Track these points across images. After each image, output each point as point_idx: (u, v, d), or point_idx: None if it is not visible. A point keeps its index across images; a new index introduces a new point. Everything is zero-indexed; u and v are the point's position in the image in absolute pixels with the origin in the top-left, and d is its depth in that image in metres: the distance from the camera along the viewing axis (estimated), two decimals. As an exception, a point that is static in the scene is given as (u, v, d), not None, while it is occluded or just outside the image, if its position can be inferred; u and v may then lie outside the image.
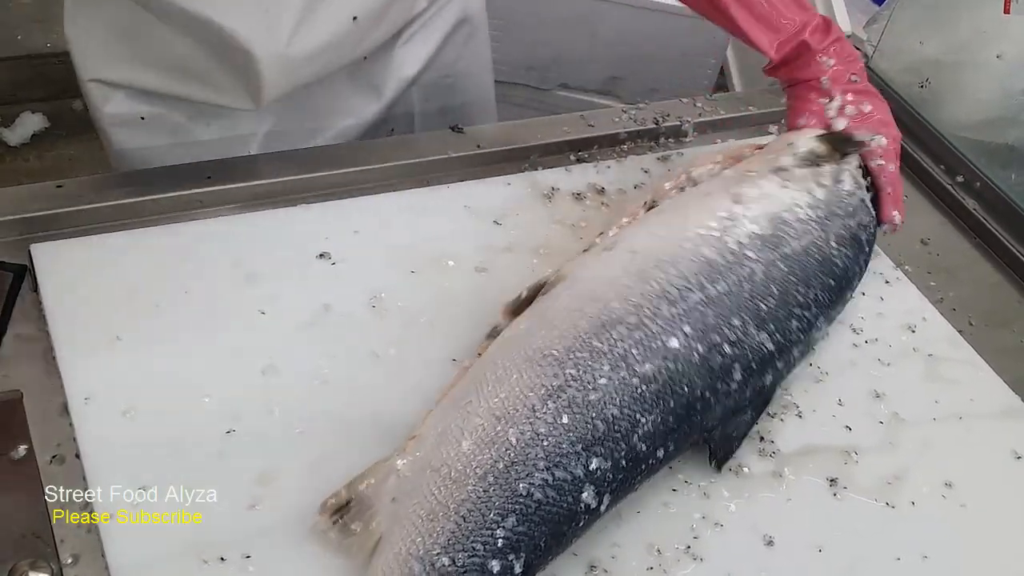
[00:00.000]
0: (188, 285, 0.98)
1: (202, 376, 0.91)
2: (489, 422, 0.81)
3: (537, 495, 0.79)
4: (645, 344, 0.87)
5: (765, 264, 0.96)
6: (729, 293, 0.93)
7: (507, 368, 0.85)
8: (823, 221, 1.02)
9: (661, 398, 0.86)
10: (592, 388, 0.84)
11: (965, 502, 0.97)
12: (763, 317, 0.93)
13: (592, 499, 0.81)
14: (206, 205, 1.08)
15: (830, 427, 1.01)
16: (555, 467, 0.80)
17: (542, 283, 0.95)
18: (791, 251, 0.98)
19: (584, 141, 1.28)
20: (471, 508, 0.77)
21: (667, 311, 0.89)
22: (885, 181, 1.10)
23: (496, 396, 0.83)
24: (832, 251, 1.01)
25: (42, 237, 1.00)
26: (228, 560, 0.79)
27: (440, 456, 0.80)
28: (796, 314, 0.96)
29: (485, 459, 0.79)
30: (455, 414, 0.83)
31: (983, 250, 1.30)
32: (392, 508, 0.79)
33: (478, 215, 1.14)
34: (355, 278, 1.03)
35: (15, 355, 0.91)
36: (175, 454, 0.85)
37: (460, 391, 0.86)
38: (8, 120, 2.65)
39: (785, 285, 0.96)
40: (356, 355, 0.96)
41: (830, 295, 1.00)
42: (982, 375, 1.10)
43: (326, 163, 1.16)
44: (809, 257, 0.99)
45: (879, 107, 1.11)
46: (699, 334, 0.89)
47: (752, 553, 0.89)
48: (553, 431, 0.81)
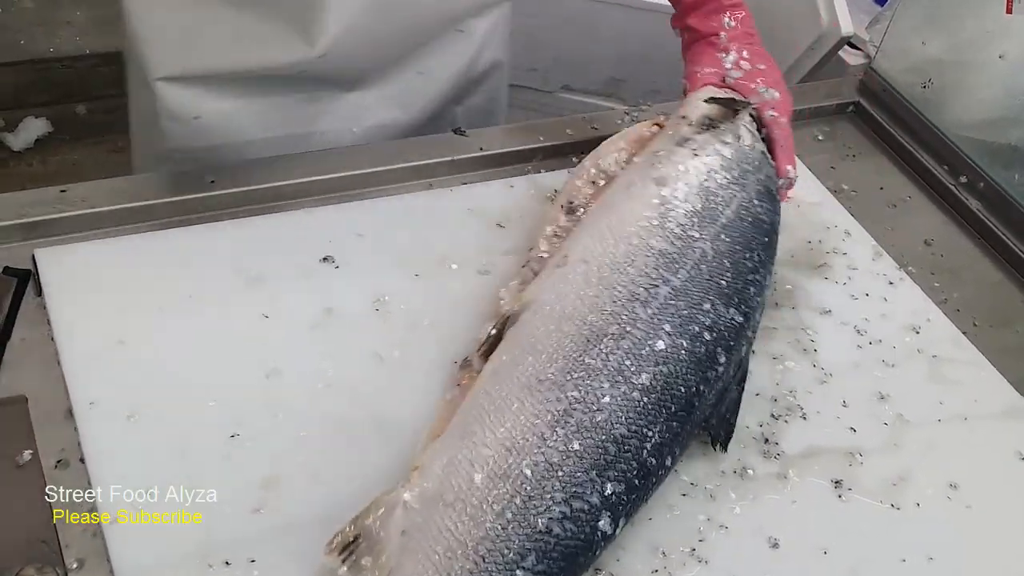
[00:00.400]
0: (192, 289, 0.98)
1: (206, 380, 0.91)
2: (499, 453, 0.80)
3: (556, 530, 0.78)
4: (635, 352, 0.87)
5: (711, 239, 0.97)
6: (691, 279, 0.94)
7: (505, 399, 0.84)
8: (740, 180, 1.04)
9: (663, 405, 0.86)
10: (597, 408, 0.83)
11: (970, 503, 0.97)
12: (727, 293, 0.95)
13: (608, 526, 0.81)
14: (209, 209, 1.08)
15: (834, 429, 1.01)
16: (572, 498, 0.79)
17: (507, 315, 0.93)
18: (727, 220, 1.00)
19: (587, 143, 1.28)
20: (490, 547, 0.76)
21: (643, 313, 0.90)
22: (779, 133, 1.12)
23: (501, 426, 0.82)
24: (757, 208, 1.03)
25: (46, 242, 1.01)
26: (233, 564, 0.79)
27: (451, 489, 0.78)
28: (750, 280, 0.98)
29: (501, 493, 0.78)
30: (459, 444, 0.81)
31: (986, 250, 1.29)
32: (402, 542, 0.77)
33: (481, 218, 1.14)
34: (358, 281, 1.03)
35: (20, 360, 0.91)
36: (179, 458, 0.85)
37: (460, 423, 0.84)
38: (11, 125, 2.66)
39: (734, 256, 0.98)
40: (359, 358, 0.96)
41: (767, 252, 1.02)
42: (986, 376, 1.10)
43: (329, 166, 1.16)
44: (743, 221, 1.01)
45: (772, 69, 1.16)
46: (679, 329, 0.90)
47: (757, 555, 0.88)
48: (566, 460, 0.80)
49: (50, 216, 1.02)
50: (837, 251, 1.21)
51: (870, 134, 1.45)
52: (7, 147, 2.63)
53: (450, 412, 0.87)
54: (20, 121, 2.66)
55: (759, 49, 1.17)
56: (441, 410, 0.89)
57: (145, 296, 0.97)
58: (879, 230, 1.26)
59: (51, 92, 2.69)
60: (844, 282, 1.17)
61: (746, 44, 1.16)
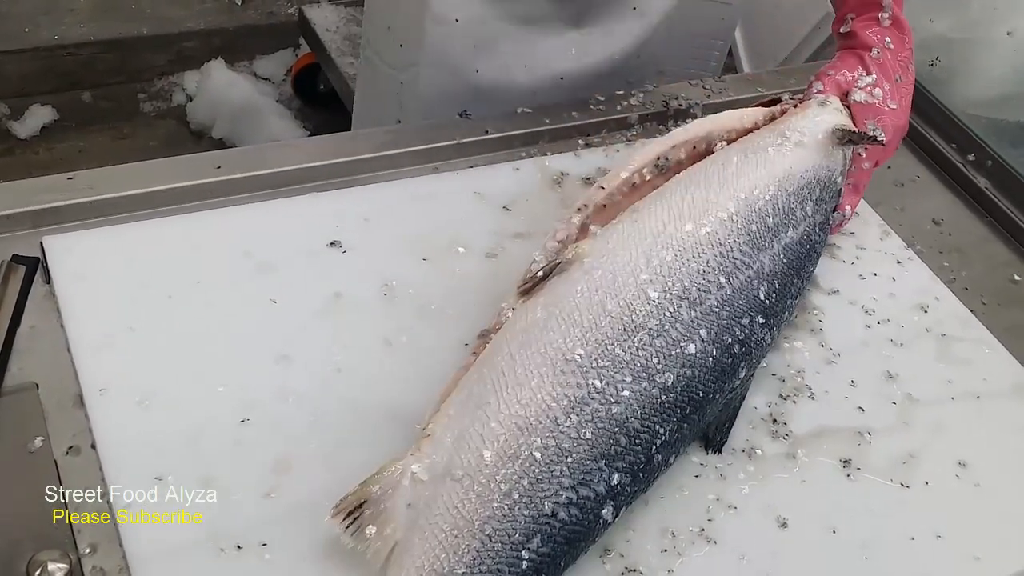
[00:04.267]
0: (200, 275, 0.98)
1: (216, 366, 0.91)
2: (511, 432, 0.80)
3: (561, 514, 0.78)
4: (666, 352, 0.86)
5: (772, 257, 0.95)
6: (742, 290, 0.92)
7: (527, 368, 0.83)
8: (816, 206, 1.01)
9: (679, 406, 0.86)
10: (615, 401, 0.82)
11: (979, 481, 0.97)
12: (767, 312, 0.93)
13: (610, 515, 0.81)
14: (216, 195, 1.08)
15: (843, 408, 1.01)
16: (580, 485, 0.79)
17: (557, 262, 0.91)
18: (790, 240, 0.98)
19: (593, 126, 1.28)
20: (497, 527, 0.76)
21: (687, 315, 0.88)
22: (858, 177, 1.10)
23: (517, 401, 0.81)
24: (816, 237, 1.02)
25: (54, 229, 1.01)
26: (245, 548, 0.79)
27: (460, 464, 0.78)
28: (789, 304, 0.97)
29: (510, 473, 0.78)
30: (472, 416, 0.81)
31: (995, 229, 1.29)
32: (409, 514, 0.78)
33: (488, 201, 1.14)
34: (366, 266, 1.03)
35: (30, 347, 0.91)
36: (190, 443, 0.85)
37: (476, 387, 0.83)
38: (17, 113, 2.66)
39: (785, 277, 0.96)
40: (368, 343, 0.96)
41: (808, 282, 1.02)
42: (995, 354, 1.10)
43: (335, 151, 1.16)
44: (802, 246, 0.99)
45: (900, 112, 1.10)
46: (714, 336, 0.89)
47: (766, 535, 0.89)
48: (577, 447, 0.80)
49: (57, 203, 1.02)
50: (844, 231, 1.20)
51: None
52: (14, 135, 2.63)
53: (471, 363, 0.86)
54: (26, 109, 2.66)
55: (903, 88, 1.11)
56: (464, 364, 0.88)
57: (153, 282, 0.97)
58: (887, 209, 1.26)
59: (56, 80, 2.69)
60: (852, 262, 1.17)
61: (891, 76, 1.10)
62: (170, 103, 2.81)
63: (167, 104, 2.80)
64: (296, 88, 2.87)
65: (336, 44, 2.64)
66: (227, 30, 2.89)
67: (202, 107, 2.77)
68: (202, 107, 2.77)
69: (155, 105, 2.80)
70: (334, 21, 2.73)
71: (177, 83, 2.83)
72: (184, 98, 2.81)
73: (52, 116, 2.68)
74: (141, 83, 2.80)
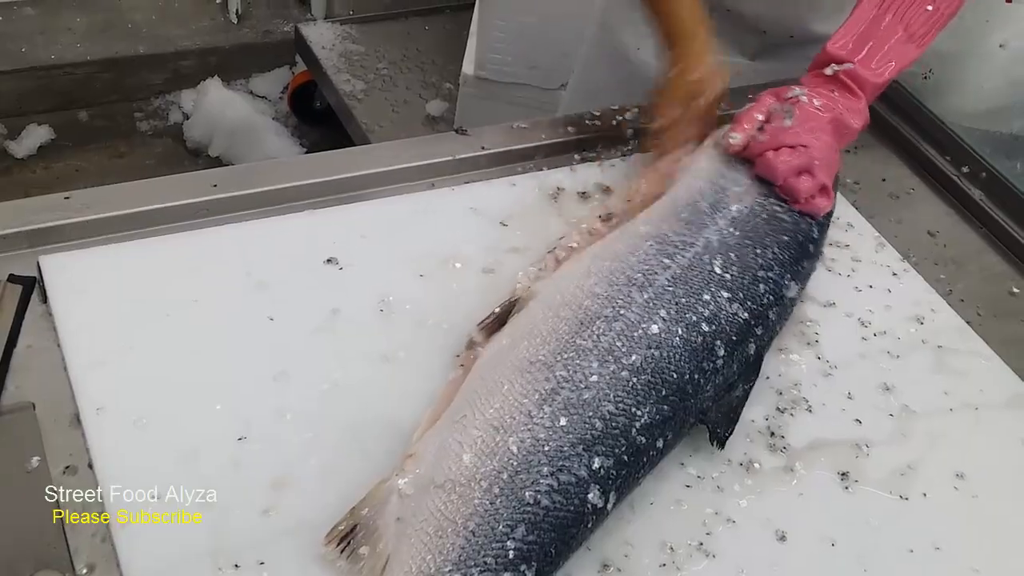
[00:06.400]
0: (197, 293, 0.99)
1: (213, 384, 0.91)
2: (487, 433, 0.82)
3: (544, 501, 0.79)
4: (627, 334, 0.88)
5: (718, 232, 0.99)
6: (692, 267, 0.95)
7: (497, 381, 0.86)
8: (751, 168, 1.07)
9: (653, 387, 0.87)
10: (585, 387, 0.85)
11: (977, 492, 0.97)
12: (731, 287, 0.95)
13: (598, 499, 0.82)
14: (213, 213, 1.09)
15: (840, 421, 1.01)
16: (559, 471, 0.80)
17: (514, 300, 0.96)
18: (736, 213, 1.02)
19: (588, 140, 1.28)
20: (479, 522, 0.77)
21: (639, 297, 0.91)
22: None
23: (491, 407, 0.84)
24: (774, 207, 1.04)
25: (51, 249, 1.01)
26: (242, 566, 0.79)
27: (442, 472, 0.80)
28: (760, 276, 0.98)
29: (488, 470, 0.80)
30: (451, 429, 0.83)
31: (990, 240, 1.29)
32: (398, 528, 0.79)
33: (484, 217, 1.14)
34: (363, 282, 1.03)
35: (27, 367, 0.91)
36: (188, 461, 0.85)
37: (453, 409, 0.86)
38: (14, 132, 2.67)
39: (742, 250, 0.98)
40: (366, 359, 0.96)
41: (787, 252, 1.02)
42: (991, 365, 1.10)
43: (332, 169, 1.16)
44: (755, 217, 1.01)
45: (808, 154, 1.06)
46: (676, 316, 0.91)
47: (764, 548, 0.89)
48: (553, 435, 0.82)
49: (54, 223, 1.03)
50: (840, 243, 1.21)
51: (871, 126, 1.45)
52: (10, 155, 2.64)
53: (450, 393, 0.89)
54: (23, 128, 2.67)
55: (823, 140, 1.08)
56: (442, 394, 0.90)
57: (150, 301, 0.97)
58: (882, 221, 1.26)
59: (53, 99, 2.70)
60: (848, 274, 1.17)
61: (810, 122, 1.08)
62: (167, 122, 2.82)
63: (164, 123, 2.81)
64: (292, 106, 2.88)
65: (332, 62, 2.65)
66: (223, 48, 2.90)
67: (198, 125, 2.78)
68: (198, 125, 2.78)
69: (152, 124, 2.80)
70: (330, 39, 2.74)
71: (174, 102, 2.84)
72: (181, 116, 2.82)
73: (49, 135, 2.69)
74: (137, 102, 2.81)
